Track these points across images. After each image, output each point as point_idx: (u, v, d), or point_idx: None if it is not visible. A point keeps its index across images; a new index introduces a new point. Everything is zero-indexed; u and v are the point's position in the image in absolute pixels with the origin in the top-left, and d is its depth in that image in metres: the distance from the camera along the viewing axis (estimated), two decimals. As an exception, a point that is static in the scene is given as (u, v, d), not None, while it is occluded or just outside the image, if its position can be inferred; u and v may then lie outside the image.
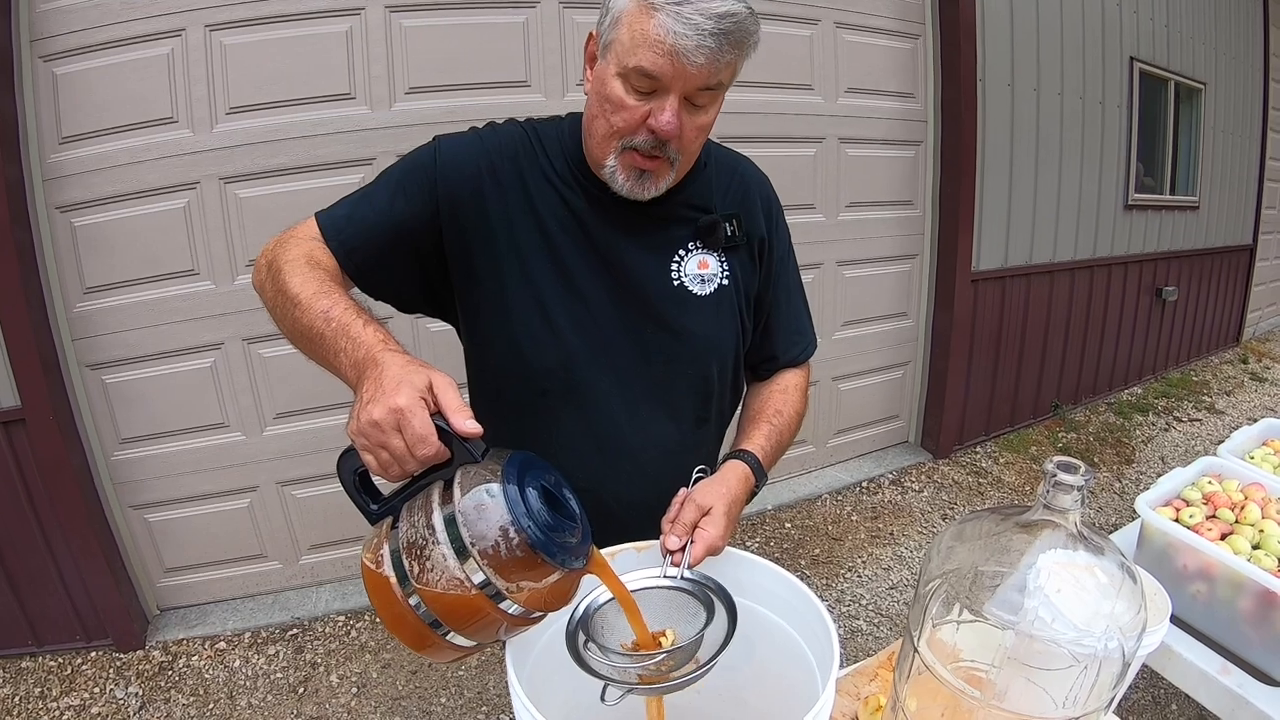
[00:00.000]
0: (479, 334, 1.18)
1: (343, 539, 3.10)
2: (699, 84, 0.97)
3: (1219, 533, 1.47)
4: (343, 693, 2.61)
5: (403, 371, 0.79)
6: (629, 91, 0.99)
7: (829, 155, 3.59)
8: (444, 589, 0.73)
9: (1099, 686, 0.74)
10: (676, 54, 0.93)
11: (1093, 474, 0.74)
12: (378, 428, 0.75)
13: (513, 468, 0.78)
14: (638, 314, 1.15)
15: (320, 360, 0.91)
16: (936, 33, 3.73)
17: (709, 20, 0.91)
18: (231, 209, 2.66)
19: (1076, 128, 4.45)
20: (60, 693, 2.60)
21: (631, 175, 1.05)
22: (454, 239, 1.10)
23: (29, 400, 2.46)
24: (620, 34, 0.97)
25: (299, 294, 0.92)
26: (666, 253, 1.16)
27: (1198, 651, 1.39)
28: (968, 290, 4.03)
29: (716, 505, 1.04)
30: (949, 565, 0.83)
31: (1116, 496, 3.99)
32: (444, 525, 0.74)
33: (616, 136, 1.02)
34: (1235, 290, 6.71)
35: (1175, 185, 5.59)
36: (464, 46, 2.78)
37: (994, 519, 0.83)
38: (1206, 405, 5.45)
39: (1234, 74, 5.88)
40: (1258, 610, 1.32)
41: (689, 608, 0.97)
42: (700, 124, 1.03)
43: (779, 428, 1.24)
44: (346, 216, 1.07)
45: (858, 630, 2.95)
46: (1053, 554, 0.75)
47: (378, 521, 0.83)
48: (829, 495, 3.91)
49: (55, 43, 2.44)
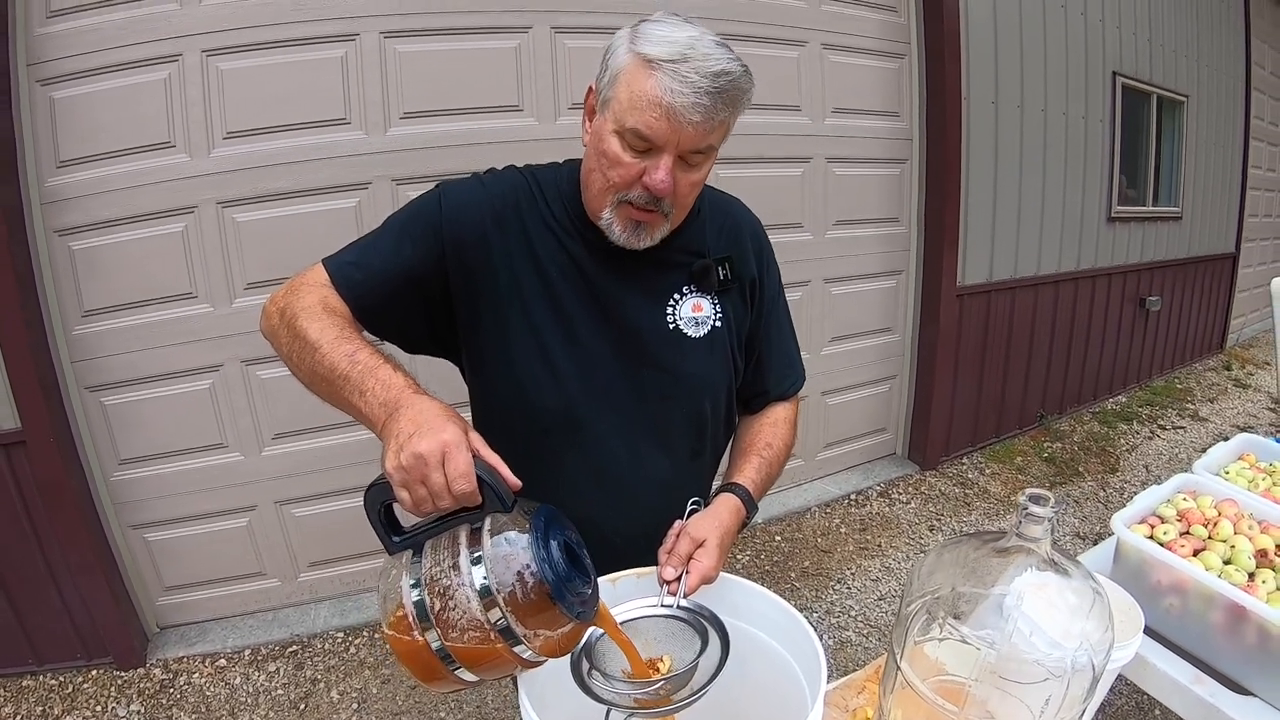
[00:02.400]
0: (483, 375, 1.22)
1: (341, 556, 3.14)
2: (692, 145, 1.01)
3: (1192, 549, 1.51)
4: (343, 709, 2.64)
5: (445, 412, 0.83)
6: (625, 149, 1.02)
7: (816, 174, 3.65)
8: (464, 629, 0.77)
9: (1070, 699, 0.81)
10: (673, 113, 0.96)
11: (1061, 507, 0.81)
12: (422, 460, 0.77)
13: (540, 520, 0.81)
14: (635, 357, 1.19)
15: (340, 401, 0.94)
16: (921, 52, 3.80)
17: (705, 79, 0.96)
18: (229, 233, 2.70)
19: (1060, 143, 4.53)
20: (62, 711, 2.62)
21: (628, 227, 1.09)
22: (459, 284, 1.14)
23: (29, 422, 2.48)
24: (619, 92, 1.01)
25: (319, 339, 0.96)
26: (662, 297, 1.21)
27: (1171, 662, 1.43)
28: (953, 305, 4.10)
29: (710, 537, 1.10)
30: (930, 587, 0.89)
31: (1101, 506, 4.04)
32: (470, 568, 0.77)
33: (613, 191, 1.06)
34: (1219, 297, 6.81)
35: (1158, 197, 5.67)
36: (457, 72, 2.82)
37: (972, 544, 0.88)
38: (1190, 413, 5.52)
39: (1216, 85, 5.98)
40: (1228, 623, 1.37)
41: (685, 635, 1.04)
42: (693, 180, 1.08)
43: (769, 460, 1.30)
44: (355, 263, 1.10)
45: (847, 641, 3.00)
46: (1026, 577, 0.81)
47: (396, 553, 0.85)
48: (818, 508, 3.96)
49: (52, 67, 2.47)
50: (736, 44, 1.04)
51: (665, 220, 1.10)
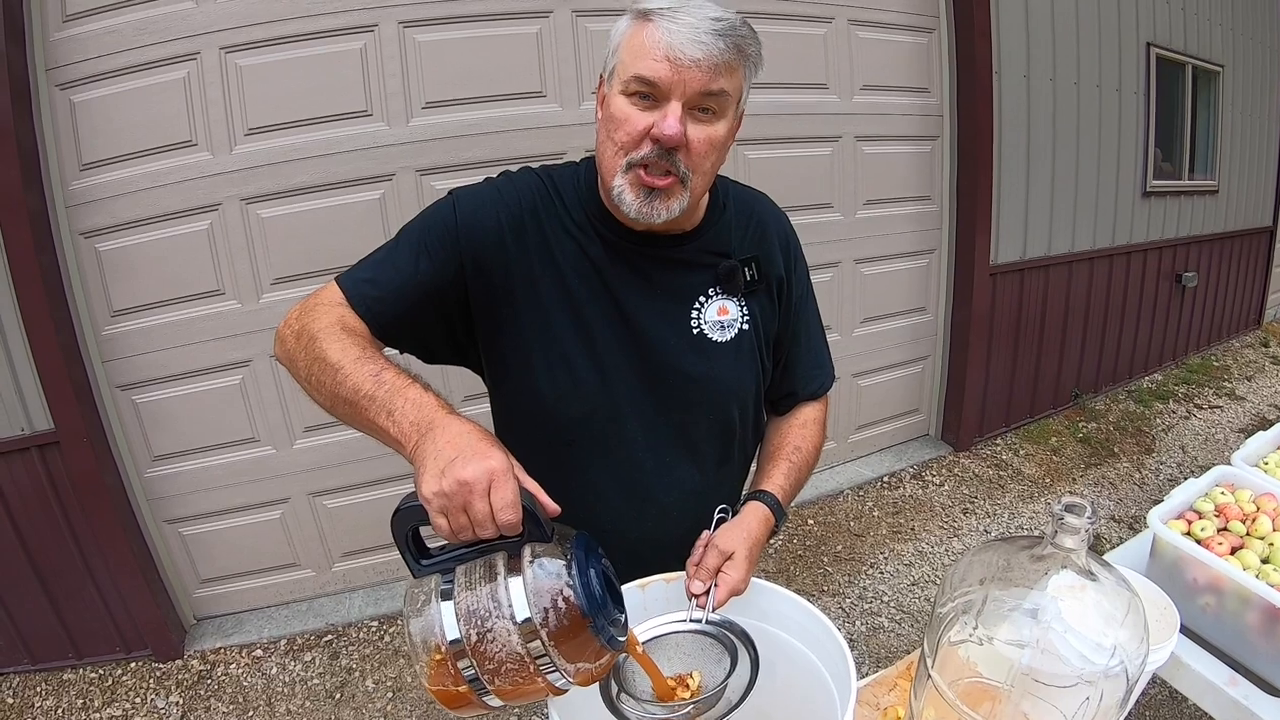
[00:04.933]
0: (505, 385, 1.19)
1: (374, 546, 3.16)
2: (700, 86, 0.96)
3: (1230, 546, 1.48)
4: (379, 697, 2.67)
5: (486, 436, 0.79)
6: (632, 105, 0.99)
7: (845, 153, 3.58)
8: (501, 660, 0.74)
9: (1105, 706, 0.79)
10: (673, 53, 0.94)
11: (1096, 518, 0.79)
12: (467, 487, 0.73)
13: (580, 551, 0.78)
14: (658, 363, 1.15)
15: (365, 423, 0.90)
16: (951, 26, 3.70)
17: (702, 21, 0.94)
18: (254, 229, 2.70)
19: (1093, 116, 4.41)
20: (102, 703, 2.67)
21: (640, 194, 1.03)
22: (478, 295, 1.10)
23: (62, 423, 2.52)
24: (621, 55, 1.00)
25: (340, 360, 0.92)
26: (686, 300, 1.17)
27: (1206, 662, 1.41)
28: (986, 283, 4.03)
29: (739, 550, 1.08)
30: (964, 589, 0.87)
31: (1136, 488, 3.98)
32: (510, 599, 0.74)
33: (622, 152, 1.01)
34: (1256, 273, 6.64)
35: (1194, 169, 5.53)
36: (478, 59, 2.79)
37: (1007, 549, 0.87)
38: (1227, 391, 5.41)
39: (1252, 54, 5.80)
40: (1264, 624, 1.34)
41: (714, 651, 1.03)
42: (708, 136, 1.01)
43: (797, 464, 1.26)
44: (370, 280, 1.06)
45: (879, 628, 2.98)
46: (1061, 584, 0.80)
47: (421, 577, 0.81)
48: (851, 491, 3.93)
49: (71, 70, 2.47)
50: (762, 22, 1.01)
51: (683, 189, 1.03)
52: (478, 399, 1.36)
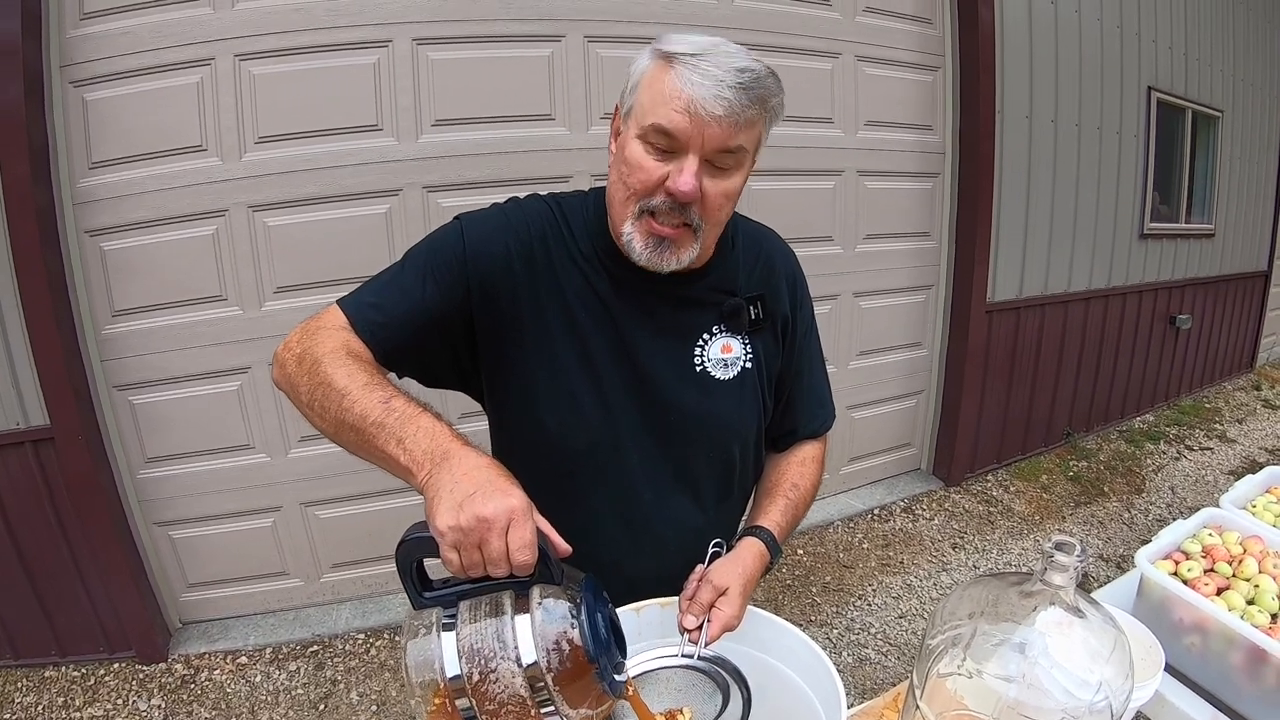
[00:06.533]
0: (507, 412, 1.18)
1: (364, 558, 3.16)
2: (719, 143, 0.95)
3: (1216, 587, 1.49)
4: (363, 710, 2.66)
5: (505, 472, 0.78)
6: (648, 152, 0.98)
7: (848, 187, 3.62)
8: (502, 702, 0.72)
9: None
10: (694, 105, 0.92)
11: (1086, 556, 0.81)
12: (485, 524, 0.72)
13: (589, 595, 0.77)
14: (660, 399, 1.14)
15: (372, 450, 0.87)
16: (956, 65, 3.76)
17: (727, 73, 0.92)
18: (260, 237, 2.71)
19: (1093, 158, 4.47)
20: (84, 703, 2.66)
21: (650, 243, 1.02)
22: (484, 321, 1.09)
23: (58, 419, 2.53)
24: (640, 96, 0.98)
25: (347, 385, 0.90)
26: (690, 337, 1.16)
27: (1190, 701, 1.42)
28: (982, 320, 4.06)
29: (733, 585, 1.07)
30: (953, 623, 0.88)
31: (1125, 527, 3.99)
32: (516, 641, 0.72)
33: (634, 199, 1.00)
34: (1249, 316, 6.70)
35: (1191, 213, 5.59)
36: (490, 79, 2.82)
37: (997, 584, 0.88)
38: (1218, 434, 5.44)
39: (1252, 101, 5.88)
40: (1248, 664, 1.35)
41: (705, 687, 1.03)
42: (724, 190, 1.01)
43: (795, 501, 1.26)
44: (375, 305, 1.04)
45: (866, 659, 2.98)
46: (1049, 621, 0.81)
47: (421, 609, 0.78)
48: (841, 522, 3.93)
49: (85, 69, 2.50)
50: (770, 55, 1.02)
51: (695, 239, 1.03)
52: (472, 417, 1.36)
